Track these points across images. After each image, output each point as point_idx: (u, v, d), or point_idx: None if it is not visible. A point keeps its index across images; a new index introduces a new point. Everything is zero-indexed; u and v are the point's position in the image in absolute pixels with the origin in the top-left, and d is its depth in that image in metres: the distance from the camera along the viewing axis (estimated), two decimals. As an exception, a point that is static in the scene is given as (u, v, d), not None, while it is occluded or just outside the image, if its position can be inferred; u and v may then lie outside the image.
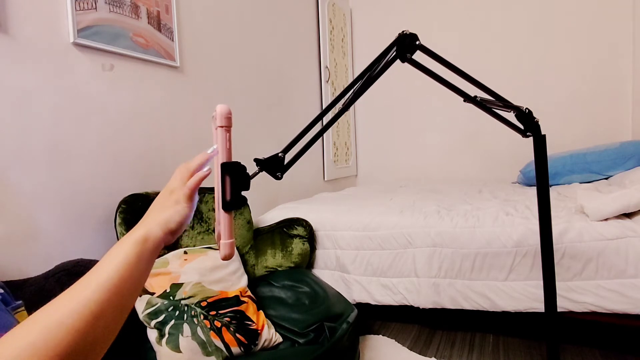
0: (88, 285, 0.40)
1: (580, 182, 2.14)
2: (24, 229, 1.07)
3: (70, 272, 0.92)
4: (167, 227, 0.49)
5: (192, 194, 0.52)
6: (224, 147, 0.53)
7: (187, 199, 0.51)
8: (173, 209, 0.51)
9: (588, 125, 2.67)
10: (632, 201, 1.29)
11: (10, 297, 0.58)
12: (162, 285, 1.09)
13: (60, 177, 1.16)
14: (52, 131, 1.14)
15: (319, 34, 2.91)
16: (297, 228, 1.61)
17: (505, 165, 2.82)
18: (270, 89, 2.33)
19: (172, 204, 0.51)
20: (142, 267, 0.45)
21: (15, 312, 0.55)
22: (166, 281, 1.10)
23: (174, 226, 0.49)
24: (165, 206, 0.51)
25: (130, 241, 0.45)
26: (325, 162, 2.97)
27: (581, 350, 1.46)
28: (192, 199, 0.52)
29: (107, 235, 1.26)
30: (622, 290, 1.27)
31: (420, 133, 3.26)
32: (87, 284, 0.41)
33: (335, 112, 0.75)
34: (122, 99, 1.36)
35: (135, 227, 0.48)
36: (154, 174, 1.48)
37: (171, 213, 0.50)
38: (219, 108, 0.52)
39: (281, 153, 0.64)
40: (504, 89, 1.00)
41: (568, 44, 2.70)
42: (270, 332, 1.15)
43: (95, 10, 1.25)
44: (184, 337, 1.00)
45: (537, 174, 0.88)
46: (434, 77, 0.79)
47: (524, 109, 0.84)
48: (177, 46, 1.57)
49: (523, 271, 1.38)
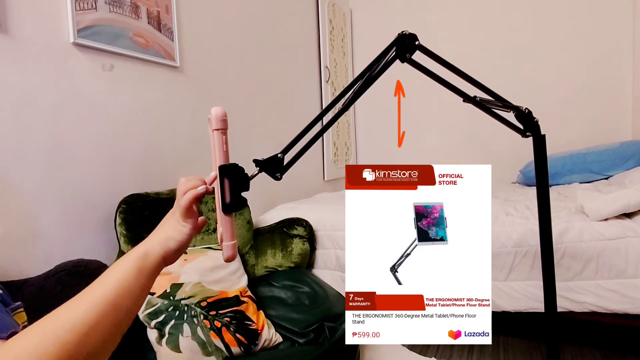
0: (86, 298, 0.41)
1: (580, 182, 2.14)
2: (24, 229, 1.07)
3: (71, 272, 0.92)
4: (166, 245, 0.49)
5: (186, 212, 0.50)
6: (221, 150, 0.53)
7: (183, 218, 0.51)
8: (174, 228, 0.51)
9: (588, 125, 2.66)
10: (632, 201, 1.29)
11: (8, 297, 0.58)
12: (162, 285, 1.09)
13: (60, 177, 1.16)
14: (52, 131, 1.14)
15: (319, 34, 2.91)
16: (297, 228, 1.61)
17: (505, 165, 2.82)
18: (270, 89, 2.33)
19: (174, 223, 0.51)
20: (142, 283, 0.45)
21: (14, 313, 0.55)
22: (166, 281, 1.10)
23: (173, 245, 0.49)
24: (168, 225, 0.51)
25: (130, 256, 0.46)
26: (325, 162, 2.97)
27: (581, 350, 1.46)
28: (189, 216, 0.51)
29: (107, 235, 1.26)
30: (622, 290, 1.27)
31: (420, 133, 3.25)
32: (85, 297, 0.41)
33: (335, 112, 0.75)
34: (122, 99, 1.36)
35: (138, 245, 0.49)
36: (154, 174, 1.48)
37: (172, 232, 0.50)
38: (214, 111, 0.52)
39: (281, 153, 0.64)
40: (504, 89, 1.00)
41: (568, 44, 2.70)
42: (270, 332, 1.15)
43: (95, 10, 1.25)
44: (184, 337, 1.00)
45: (537, 174, 0.88)
46: (434, 77, 0.79)
47: (523, 109, 0.84)
48: (177, 46, 1.57)
49: (523, 271, 1.38)
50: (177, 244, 0.50)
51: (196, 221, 0.52)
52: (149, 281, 0.47)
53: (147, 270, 0.46)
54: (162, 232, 0.50)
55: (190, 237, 0.51)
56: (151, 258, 0.47)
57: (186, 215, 0.51)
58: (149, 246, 0.48)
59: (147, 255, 0.47)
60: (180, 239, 0.50)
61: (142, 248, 0.47)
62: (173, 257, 0.50)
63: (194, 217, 0.52)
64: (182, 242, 0.50)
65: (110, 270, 0.45)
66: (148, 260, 0.46)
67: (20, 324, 0.54)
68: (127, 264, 0.45)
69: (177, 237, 0.50)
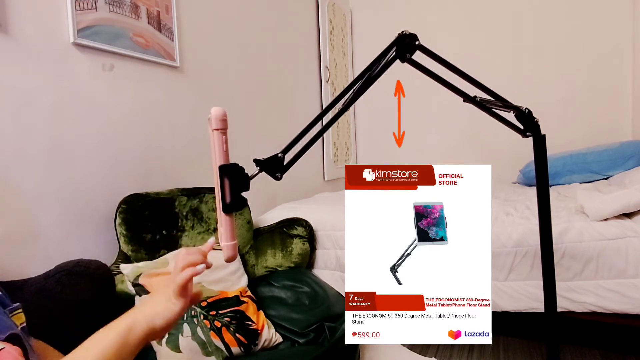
0: None
1: (580, 182, 2.14)
2: (24, 229, 1.07)
3: (70, 272, 0.92)
4: (152, 321, 0.47)
5: (181, 290, 0.48)
6: (221, 150, 0.52)
7: (176, 296, 0.48)
8: (164, 305, 0.48)
9: (588, 125, 2.66)
10: (632, 201, 1.29)
11: (7, 299, 0.57)
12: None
13: (60, 177, 1.16)
14: (52, 131, 1.14)
15: (319, 34, 2.91)
16: (297, 228, 1.61)
17: (505, 165, 2.82)
18: (270, 89, 2.33)
19: (164, 300, 0.48)
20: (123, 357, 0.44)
21: (12, 314, 0.55)
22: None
23: (160, 322, 0.47)
24: (158, 300, 0.49)
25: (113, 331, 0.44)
26: (325, 162, 2.97)
27: (581, 350, 1.46)
28: (182, 295, 0.48)
29: (107, 235, 1.26)
30: (622, 290, 1.27)
31: (420, 133, 3.25)
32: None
33: (335, 112, 0.75)
34: (122, 99, 1.36)
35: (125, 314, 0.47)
36: (154, 174, 1.48)
37: (160, 309, 0.48)
38: (214, 111, 0.52)
39: (281, 153, 0.64)
40: (504, 89, 1.00)
41: (568, 44, 2.70)
42: (270, 332, 1.15)
43: (95, 10, 1.25)
44: (184, 337, 1.00)
45: (537, 174, 0.88)
46: (434, 77, 0.79)
47: (523, 109, 0.84)
48: (177, 46, 1.57)
49: (523, 271, 1.38)
50: (165, 321, 0.47)
51: (188, 300, 0.50)
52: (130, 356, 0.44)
53: (130, 347, 0.44)
54: (151, 307, 0.48)
55: (178, 315, 0.49)
56: (135, 334, 0.45)
57: (180, 294, 0.48)
58: (134, 321, 0.46)
59: (131, 331, 0.45)
60: (168, 317, 0.48)
61: (127, 322, 0.45)
62: (158, 335, 0.48)
63: (188, 296, 0.49)
64: (170, 321, 0.48)
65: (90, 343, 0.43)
66: (131, 336, 0.44)
67: (18, 324, 0.54)
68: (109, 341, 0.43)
69: (166, 315, 0.47)
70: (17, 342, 0.48)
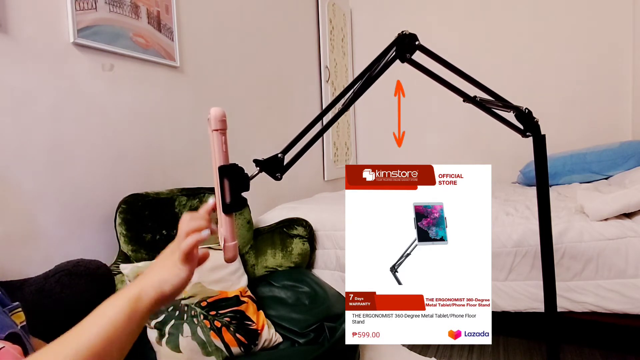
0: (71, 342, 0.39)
1: (580, 182, 2.14)
2: (24, 229, 1.07)
3: (71, 272, 0.92)
4: (160, 289, 0.46)
5: (187, 257, 0.48)
6: (221, 150, 0.52)
7: (182, 262, 0.48)
8: (170, 270, 0.48)
9: (588, 125, 2.66)
10: (632, 201, 1.29)
11: (7, 298, 0.57)
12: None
13: (60, 177, 1.16)
14: (52, 131, 1.14)
15: (319, 34, 2.91)
16: (297, 228, 1.61)
17: (505, 165, 2.82)
18: (270, 89, 2.33)
19: (171, 265, 0.48)
20: (131, 328, 0.43)
21: (12, 313, 0.55)
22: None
23: (169, 289, 0.46)
24: (164, 265, 0.49)
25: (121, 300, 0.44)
26: (325, 162, 2.97)
27: (581, 350, 1.46)
28: (188, 261, 0.48)
29: (107, 235, 1.26)
30: (622, 290, 1.27)
31: (420, 133, 3.25)
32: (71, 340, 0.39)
33: (335, 112, 0.75)
34: (122, 99, 1.36)
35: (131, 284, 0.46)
36: (154, 174, 1.48)
37: (167, 275, 0.47)
38: (213, 111, 0.52)
39: (281, 153, 0.64)
40: (504, 89, 1.00)
41: (568, 44, 2.70)
42: (270, 332, 1.15)
43: (95, 10, 1.25)
44: (184, 337, 1.00)
45: (537, 174, 0.88)
46: (434, 77, 0.79)
47: (523, 109, 0.84)
48: (177, 46, 1.57)
49: (523, 271, 1.38)
50: (173, 288, 0.47)
51: (195, 265, 0.49)
52: (138, 327, 0.44)
53: (138, 315, 0.44)
54: (158, 274, 0.47)
55: (187, 281, 0.48)
56: (144, 302, 0.44)
57: (186, 260, 0.48)
58: (142, 289, 0.45)
59: (140, 299, 0.44)
60: (177, 283, 0.47)
61: (135, 290, 0.45)
62: (167, 301, 0.47)
63: (194, 261, 0.49)
64: (178, 287, 0.47)
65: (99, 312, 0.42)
66: (140, 304, 0.44)
67: (18, 323, 0.54)
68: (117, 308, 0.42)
69: (173, 281, 0.47)
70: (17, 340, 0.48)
